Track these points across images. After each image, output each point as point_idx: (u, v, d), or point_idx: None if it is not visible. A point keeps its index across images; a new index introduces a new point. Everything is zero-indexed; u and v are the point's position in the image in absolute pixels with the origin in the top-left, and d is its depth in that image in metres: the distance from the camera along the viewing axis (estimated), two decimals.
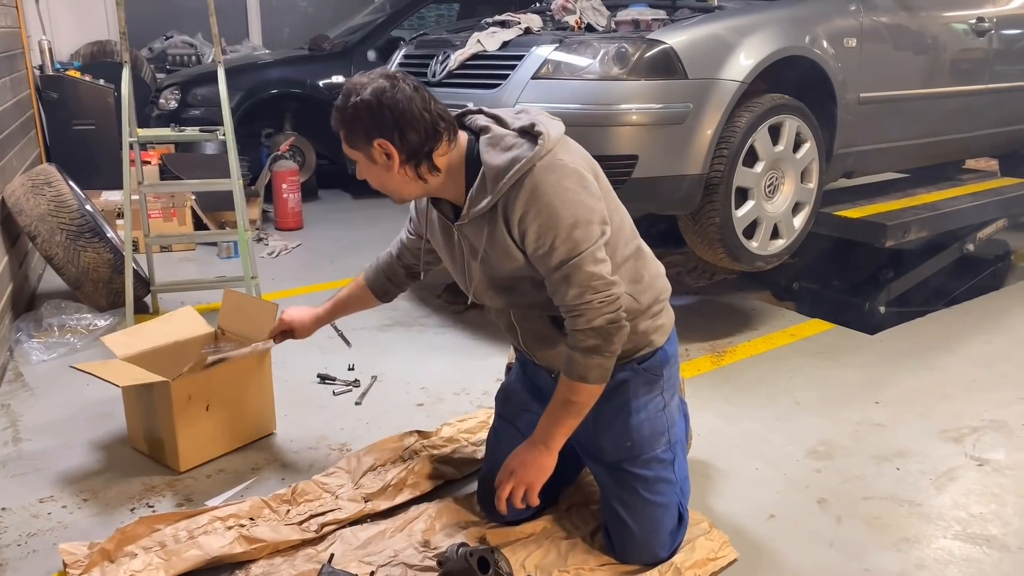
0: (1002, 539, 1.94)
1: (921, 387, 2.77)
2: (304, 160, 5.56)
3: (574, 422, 1.70)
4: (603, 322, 1.61)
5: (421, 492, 2.07)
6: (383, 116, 1.56)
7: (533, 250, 1.61)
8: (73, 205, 3.21)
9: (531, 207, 1.57)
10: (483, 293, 1.78)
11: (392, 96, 1.56)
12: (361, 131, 1.59)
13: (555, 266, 1.60)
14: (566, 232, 1.57)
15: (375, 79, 1.59)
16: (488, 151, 1.62)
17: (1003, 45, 3.92)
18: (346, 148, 1.65)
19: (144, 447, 2.31)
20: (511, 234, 1.63)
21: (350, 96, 1.58)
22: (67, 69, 5.20)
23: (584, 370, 1.64)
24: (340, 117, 1.61)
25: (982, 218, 3.94)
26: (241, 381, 2.31)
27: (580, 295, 1.60)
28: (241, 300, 2.44)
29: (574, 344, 1.64)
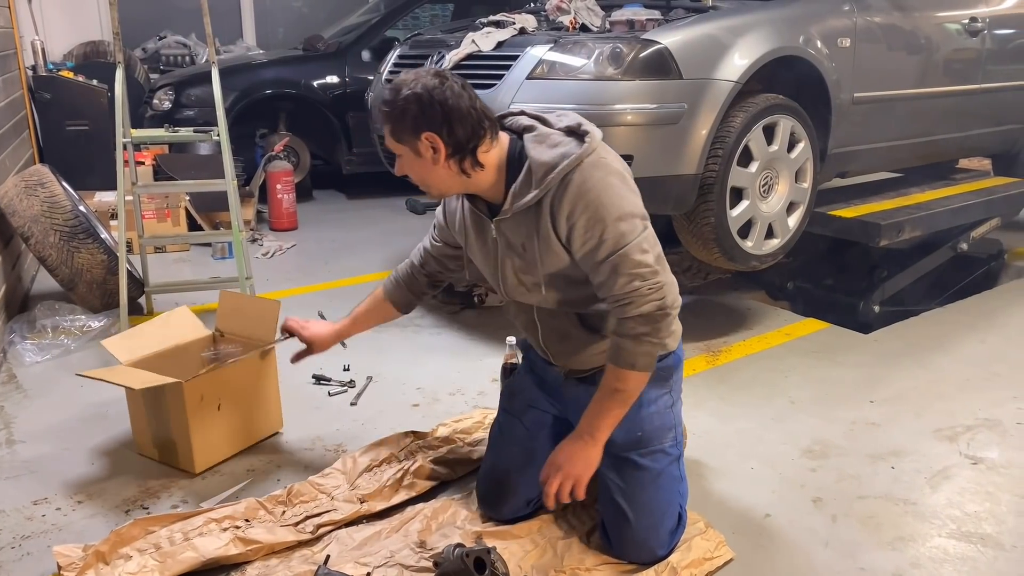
0: (996, 537, 1.95)
1: (915, 386, 2.78)
2: (298, 160, 5.55)
3: (621, 412, 1.72)
4: (651, 308, 1.65)
5: (417, 493, 2.07)
6: (432, 110, 1.60)
7: (581, 244, 1.65)
8: (67, 206, 3.20)
9: (579, 202, 1.62)
10: (515, 289, 1.82)
11: (441, 92, 1.61)
12: (410, 124, 1.62)
13: (603, 258, 1.64)
14: (613, 224, 1.62)
15: (425, 76, 1.63)
16: (535, 147, 1.67)
17: (996, 45, 3.94)
18: (391, 142, 1.69)
19: (154, 453, 2.29)
20: (556, 230, 1.67)
21: (400, 90, 1.62)
22: (60, 70, 5.18)
23: (633, 357, 1.67)
24: (389, 110, 1.64)
25: (975, 217, 3.96)
26: (250, 379, 2.32)
27: (628, 283, 1.63)
28: (239, 301, 2.44)
29: (623, 332, 1.67)
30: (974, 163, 5.13)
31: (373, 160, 4.16)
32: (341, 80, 5.48)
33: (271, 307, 2.30)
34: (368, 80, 4.93)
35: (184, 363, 2.34)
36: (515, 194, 1.68)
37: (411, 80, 1.63)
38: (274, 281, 3.93)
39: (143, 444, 2.32)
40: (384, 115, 1.65)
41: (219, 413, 2.22)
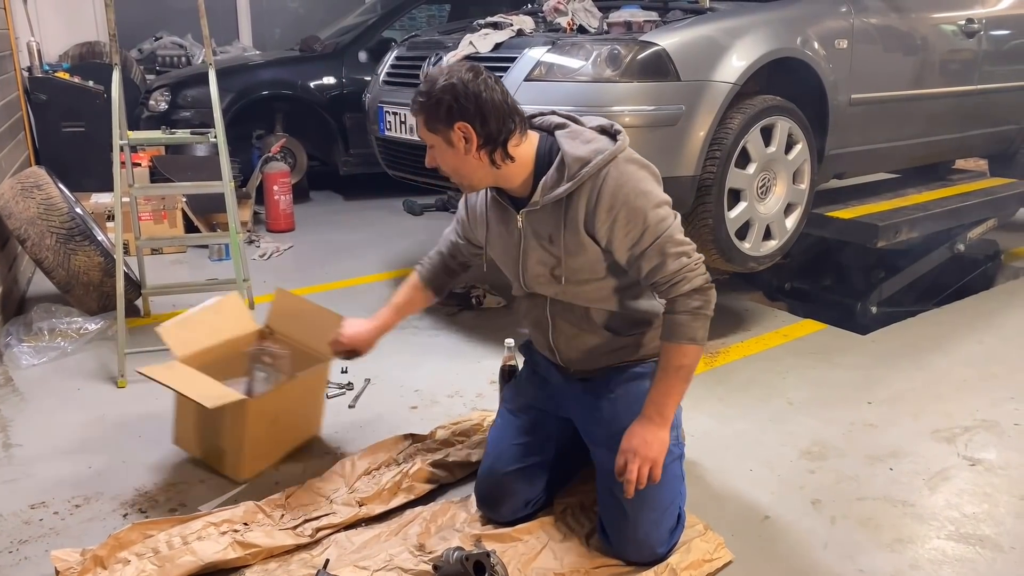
0: (995, 539, 1.95)
1: (913, 387, 2.78)
2: (295, 161, 5.54)
3: (684, 387, 1.77)
4: (701, 281, 1.72)
5: (416, 495, 2.07)
6: (466, 101, 1.65)
7: (624, 235, 1.71)
8: (63, 208, 3.19)
9: (618, 196, 1.69)
10: (535, 280, 1.86)
11: (476, 84, 1.66)
12: (444, 114, 1.66)
13: (649, 244, 1.70)
14: (653, 212, 1.70)
15: (460, 69, 1.69)
16: (568, 142, 1.73)
17: (992, 46, 3.95)
18: (424, 132, 1.73)
19: (197, 452, 2.29)
20: (590, 224, 1.72)
21: (436, 81, 1.67)
22: (56, 71, 5.16)
23: (693, 331, 1.72)
24: (424, 100, 1.68)
25: (972, 218, 3.96)
26: (305, 394, 2.33)
27: (676, 260, 1.71)
28: (298, 304, 2.42)
29: (680, 309, 1.72)
30: (970, 164, 5.14)
31: (370, 161, 4.16)
32: (338, 81, 5.48)
33: (332, 320, 2.24)
34: (365, 81, 4.92)
35: (233, 359, 2.33)
36: (546, 186, 1.73)
37: (446, 72, 1.68)
38: (271, 283, 3.91)
39: (184, 440, 2.32)
40: (419, 105, 1.69)
41: (271, 425, 2.21)
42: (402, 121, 3.28)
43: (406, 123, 3.26)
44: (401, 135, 3.31)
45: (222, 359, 2.32)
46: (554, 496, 2.05)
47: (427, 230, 5.00)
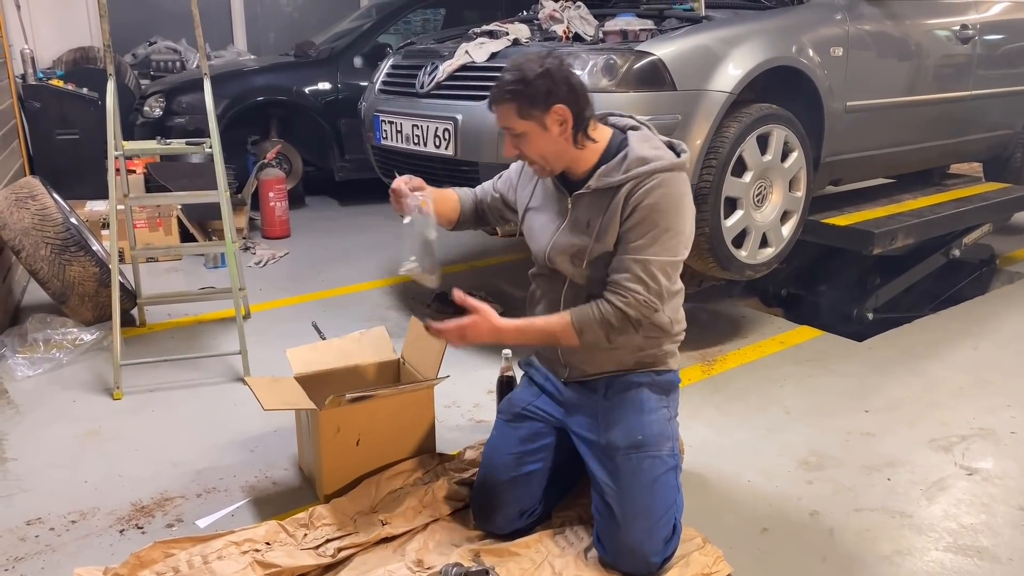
0: (993, 550, 1.95)
1: (909, 395, 2.79)
2: (291, 167, 5.53)
3: (534, 341, 1.90)
4: (635, 315, 1.78)
5: (440, 515, 2.04)
6: (564, 84, 1.74)
7: (627, 231, 1.78)
8: (58, 218, 3.18)
9: (651, 200, 1.76)
10: (560, 254, 1.90)
11: (565, 68, 1.76)
12: (542, 98, 1.72)
13: (634, 254, 1.78)
14: (663, 233, 1.77)
15: (545, 56, 1.76)
16: (639, 143, 1.82)
17: (986, 51, 3.96)
18: (513, 120, 1.77)
19: (305, 470, 2.29)
20: (623, 212, 1.79)
21: (530, 66, 1.73)
22: (50, 78, 5.14)
23: (587, 330, 1.80)
24: (520, 87, 1.73)
25: (967, 223, 3.97)
26: (399, 419, 2.21)
27: (633, 282, 1.77)
28: (421, 331, 2.37)
29: (600, 308, 1.79)
30: (965, 168, 5.15)
31: (366, 167, 4.15)
32: (333, 86, 5.47)
33: (437, 344, 2.23)
34: (360, 86, 4.92)
35: (355, 385, 2.29)
36: (602, 173, 1.81)
37: (536, 58, 1.75)
38: (267, 291, 3.92)
39: (302, 459, 2.32)
40: (512, 93, 1.73)
41: (356, 448, 2.13)
42: (398, 130, 3.28)
43: (402, 132, 3.26)
44: (397, 144, 3.31)
45: (345, 384, 2.28)
46: (552, 509, 2.05)
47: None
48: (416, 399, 2.24)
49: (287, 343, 2.50)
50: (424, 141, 3.13)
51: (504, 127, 1.80)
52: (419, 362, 2.36)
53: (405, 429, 2.23)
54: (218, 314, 3.54)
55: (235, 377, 2.92)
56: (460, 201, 2.17)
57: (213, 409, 2.70)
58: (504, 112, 1.77)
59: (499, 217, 2.16)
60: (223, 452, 2.42)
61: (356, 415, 2.12)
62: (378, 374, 2.44)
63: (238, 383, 2.87)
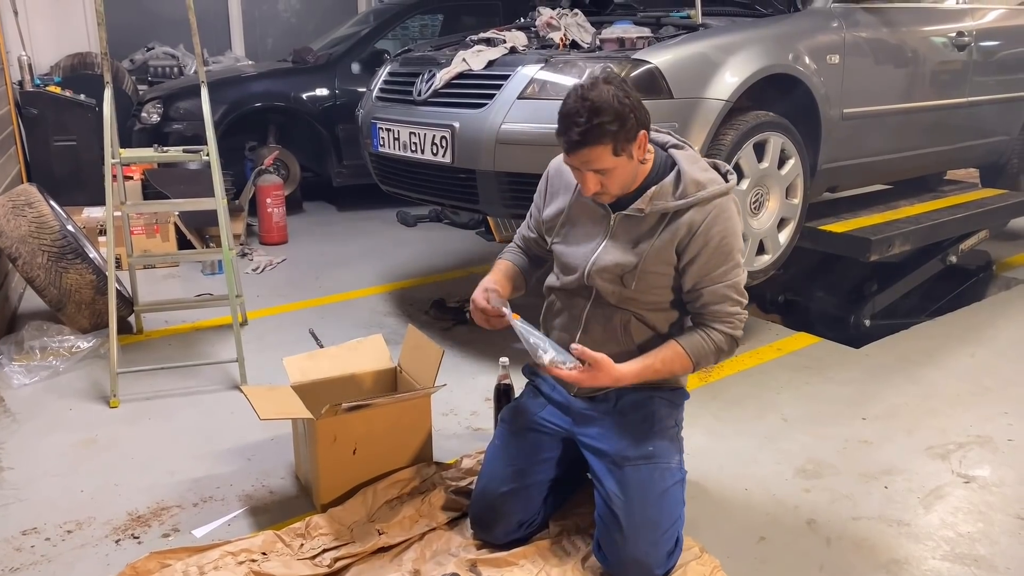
0: (990, 559, 1.95)
1: (907, 402, 2.79)
2: (288, 173, 5.53)
3: (654, 377, 1.85)
4: (740, 334, 1.87)
5: (437, 524, 2.03)
6: (639, 106, 1.71)
7: (703, 264, 1.80)
8: (55, 226, 3.17)
9: (718, 229, 1.78)
10: (599, 273, 1.88)
11: (627, 88, 1.72)
12: (635, 128, 1.70)
13: (719, 283, 1.81)
14: (736, 257, 1.82)
15: (605, 85, 1.69)
16: (689, 164, 1.81)
17: (982, 58, 3.97)
18: (607, 159, 1.71)
19: (302, 479, 2.28)
20: (682, 244, 1.80)
21: (607, 100, 1.66)
22: (47, 84, 5.14)
23: (701, 357, 1.84)
24: (615, 126, 1.67)
25: (964, 230, 3.98)
26: (396, 428, 2.20)
27: (734, 306, 1.84)
28: (419, 340, 2.38)
29: (713, 338, 1.83)
30: (961, 174, 5.16)
31: (363, 172, 4.15)
32: (331, 92, 5.47)
33: (434, 353, 2.25)
34: (358, 92, 4.92)
35: (352, 394, 2.30)
36: (656, 196, 1.79)
37: (602, 90, 1.68)
38: (265, 297, 3.91)
39: (299, 468, 2.31)
40: (611, 135, 1.67)
41: (353, 458, 2.13)
42: (395, 137, 3.28)
43: (399, 139, 3.26)
44: (395, 151, 3.31)
45: (342, 393, 2.27)
46: (550, 518, 2.04)
47: (421, 241, 5.00)
48: (413, 407, 2.24)
49: (284, 350, 2.50)
50: (421, 148, 3.13)
51: (593, 169, 1.73)
52: (416, 370, 2.35)
53: (402, 438, 2.23)
54: (215, 321, 3.54)
55: (232, 385, 2.92)
56: (517, 268, 2.12)
57: (210, 417, 2.69)
58: (597, 154, 1.70)
59: (547, 252, 2.10)
60: (220, 461, 2.41)
61: (353, 424, 2.12)
62: (375, 382, 2.44)
63: (235, 391, 2.86)
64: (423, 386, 2.27)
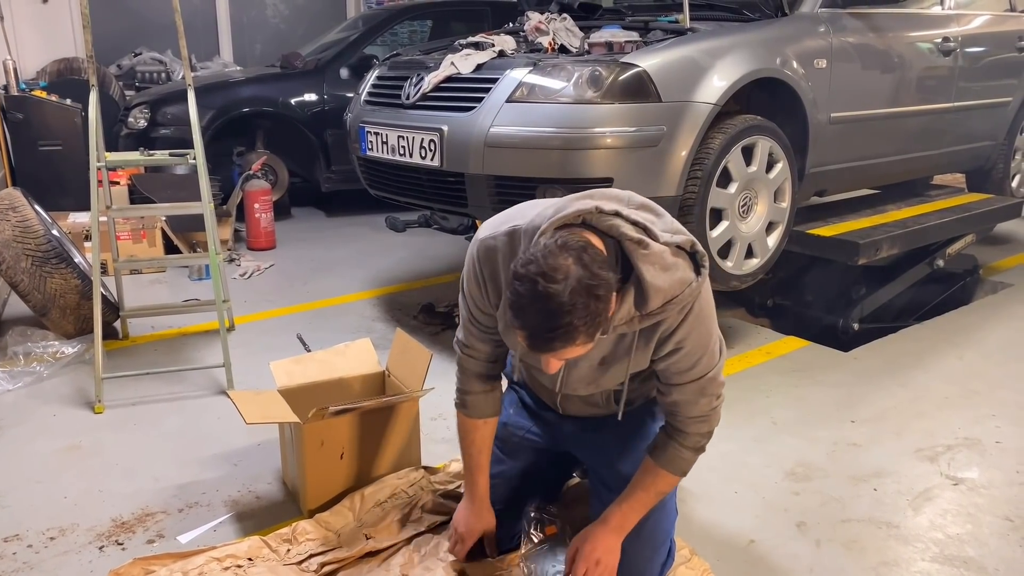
0: (979, 561, 1.95)
1: (895, 405, 2.79)
2: (276, 178, 5.51)
3: (651, 507, 1.74)
4: (716, 425, 1.69)
5: (425, 527, 2.01)
6: (604, 272, 1.38)
7: (673, 363, 1.59)
8: (39, 230, 3.14)
9: (693, 332, 1.56)
10: (572, 389, 1.74)
11: (586, 255, 1.37)
12: (607, 301, 1.38)
13: (692, 379, 1.61)
14: (711, 348, 1.61)
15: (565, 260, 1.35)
16: (647, 268, 1.46)
17: (968, 63, 4.00)
18: (586, 346, 1.42)
19: (289, 484, 2.25)
20: (657, 350, 1.59)
21: (578, 295, 1.33)
22: (33, 89, 5.11)
23: (687, 465, 1.71)
24: (588, 315, 1.35)
25: (951, 234, 4.00)
26: (384, 432, 2.19)
27: (710, 404, 1.65)
28: (406, 343, 2.36)
29: (689, 444, 1.68)
30: (948, 179, 5.20)
31: (352, 178, 4.14)
32: (319, 98, 5.46)
33: (422, 356, 2.22)
34: (347, 98, 4.91)
35: (341, 398, 2.26)
36: (617, 315, 1.47)
37: (572, 285, 1.33)
38: (252, 302, 3.89)
39: (286, 474, 2.28)
40: (585, 329, 1.36)
41: (341, 462, 2.12)
42: (383, 141, 3.27)
43: (388, 143, 3.25)
44: (383, 155, 3.30)
45: (330, 397, 2.24)
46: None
47: (410, 246, 4.98)
48: (401, 411, 2.22)
49: (272, 355, 2.47)
50: (410, 152, 3.13)
51: (569, 359, 1.51)
52: (404, 374, 2.34)
53: (390, 442, 2.21)
54: (202, 326, 3.51)
55: (219, 390, 2.89)
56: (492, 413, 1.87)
57: (196, 423, 2.67)
58: (570, 350, 1.41)
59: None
60: (206, 466, 2.39)
61: (340, 428, 2.10)
62: (363, 387, 2.42)
63: (222, 396, 2.84)
64: (411, 390, 2.25)
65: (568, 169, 2.73)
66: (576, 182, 2.67)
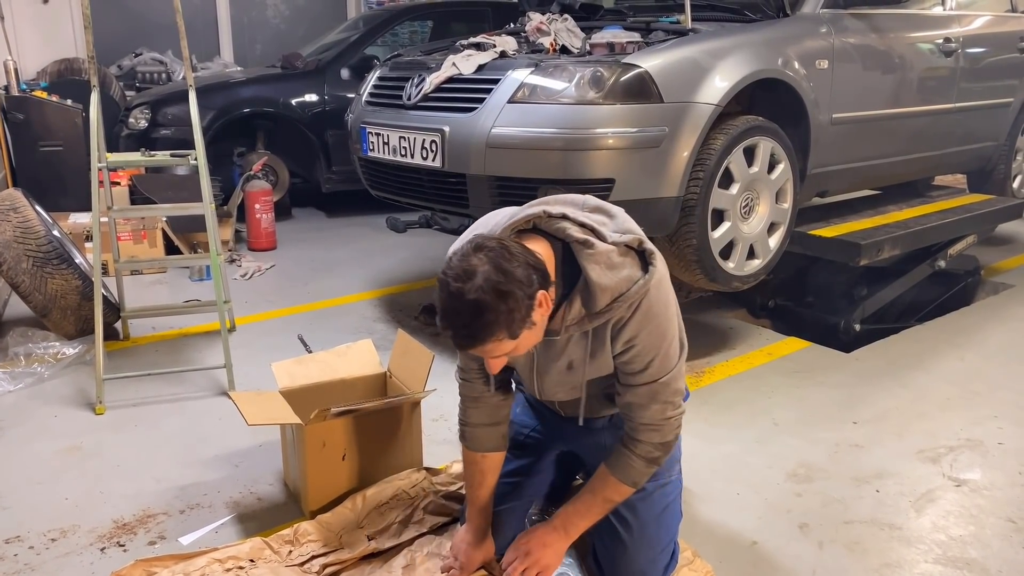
0: (982, 562, 1.95)
1: (897, 406, 2.79)
2: (277, 179, 5.51)
3: (601, 516, 1.73)
4: (672, 436, 1.65)
5: (427, 528, 2.01)
6: (523, 267, 1.42)
7: (626, 362, 1.60)
8: (40, 231, 3.14)
9: (643, 330, 1.55)
10: (553, 393, 1.76)
11: (504, 256, 1.41)
12: (525, 299, 1.41)
13: (644, 382, 1.60)
14: (664, 350, 1.59)
15: (477, 261, 1.40)
16: (593, 268, 1.50)
17: (969, 64, 4.00)
18: (507, 344, 1.45)
19: (290, 485, 2.25)
20: (612, 349, 1.59)
21: (485, 292, 1.37)
22: (34, 89, 5.11)
23: (640, 477, 1.68)
24: (498, 315, 1.38)
25: (952, 234, 4.00)
26: (385, 433, 2.18)
27: (662, 411, 1.62)
28: (409, 345, 2.35)
29: (640, 453, 1.65)
30: (949, 179, 5.20)
31: (352, 178, 4.14)
32: (320, 98, 5.46)
33: (424, 357, 2.22)
34: (347, 98, 4.91)
35: (343, 399, 2.25)
36: (567, 316, 1.53)
37: (479, 284, 1.38)
38: (253, 303, 3.89)
39: (287, 475, 2.28)
40: (500, 325, 1.40)
41: (343, 463, 2.11)
42: (385, 142, 3.27)
43: (389, 144, 3.25)
44: (384, 156, 3.30)
45: (331, 398, 2.24)
46: None
47: (410, 247, 4.98)
48: (403, 412, 2.22)
49: (273, 356, 2.47)
50: (411, 153, 3.12)
51: (495, 357, 1.51)
52: (406, 375, 2.34)
53: (392, 443, 2.21)
54: (203, 327, 3.51)
55: (220, 391, 2.89)
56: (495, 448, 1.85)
57: (197, 424, 2.66)
58: (492, 346, 1.45)
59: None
60: (207, 467, 2.38)
61: (342, 429, 2.10)
62: (365, 388, 2.42)
63: (223, 397, 2.83)
64: (413, 391, 2.25)
65: (570, 170, 2.73)
66: (578, 183, 2.66)
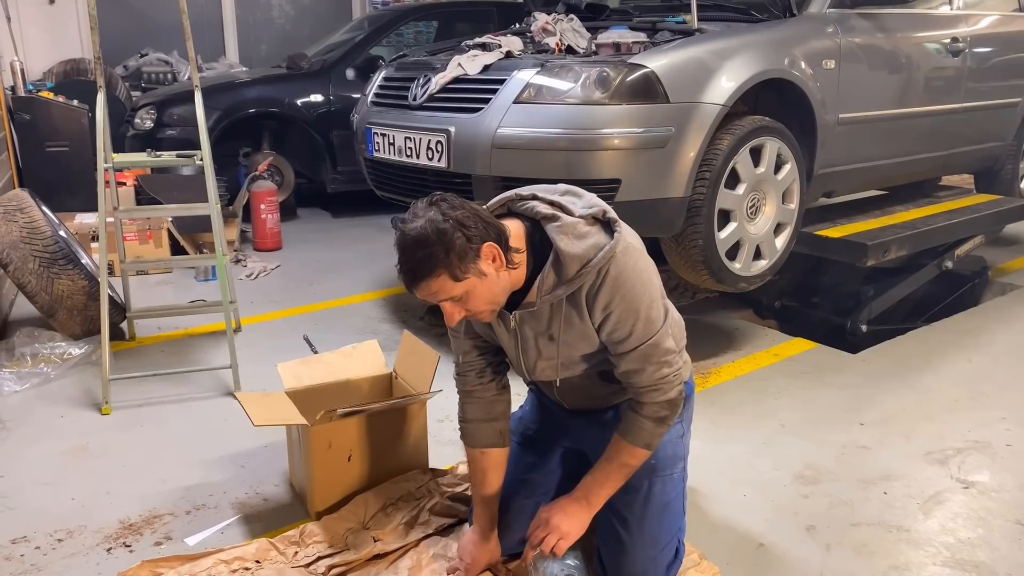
0: (991, 565, 1.94)
1: (904, 408, 2.78)
2: (283, 179, 5.51)
3: (621, 483, 1.74)
4: (676, 394, 1.67)
5: (433, 529, 2.01)
6: (472, 223, 1.51)
7: (611, 332, 1.62)
8: (47, 231, 3.14)
9: (615, 295, 1.58)
10: (540, 372, 1.77)
11: (453, 210, 1.51)
12: (465, 244, 1.49)
13: (633, 347, 1.62)
14: (644, 313, 1.61)
15: (425, 213, 1.51)
16: (561, 238, 1.57)
17: (976, 64, 3.98)
18: (448, 288, 1.53)
19: (296, 486, 2.25)
20: (592, 319, 1.63)
21: (429, 227, 1.48)
22: (40, 90, 5.13)
23: (652, 438, 1.69)
24: (440, 251, 1.48)
25: (960, 235, 3.98)
26: (391, 434, 2.18)
27: (657, 371, 1.64)
28: (415, 345, 2.35)
29: (647, 415, 1.67)
30: (956, 180, 5.17)
31: (358, 178, 4.14)
32: (325, 98, 5.46)
33: (430, 358, 2.22)
34: (352, 98, 4.92)
35: (348, 400, 2.25)
36: (543, 287, 1.59)
37: (422, 223, 1.49)
38: (258, 304, 3.89)
39: (293, 476, 2.28)
40: (437, 263, 1.49)
41: (348, 464, 2.11)
42: (391, 142, 3.26)
43: (395, 144, 3.24)
44: (390, 156, 3.29)
45: (338, 399, 2.24)
46: None
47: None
48: (408, 413, 2.21)
49: (278, 357, 2.47)
50: (417, 153, 3.12)
51: (442, 300, 1.56)
52: (412, 376, 2.33)
53: (397, 444, 2.21)
54: (209, 327, 3.51)
55: (226, 391, 2.89)
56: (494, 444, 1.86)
57: (203, 424, 2.66)
58: (438, 285, 1.52)
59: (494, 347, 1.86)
60: (213, 468, 2.38)
61: (348, 430, 2.09)
62: (370, 388, 2.42)
63: (229, 398, 2.84)
64: (419, 392, 2.25)
65: (575, 170, 2.72)
66: (584, 183, 2.60)
